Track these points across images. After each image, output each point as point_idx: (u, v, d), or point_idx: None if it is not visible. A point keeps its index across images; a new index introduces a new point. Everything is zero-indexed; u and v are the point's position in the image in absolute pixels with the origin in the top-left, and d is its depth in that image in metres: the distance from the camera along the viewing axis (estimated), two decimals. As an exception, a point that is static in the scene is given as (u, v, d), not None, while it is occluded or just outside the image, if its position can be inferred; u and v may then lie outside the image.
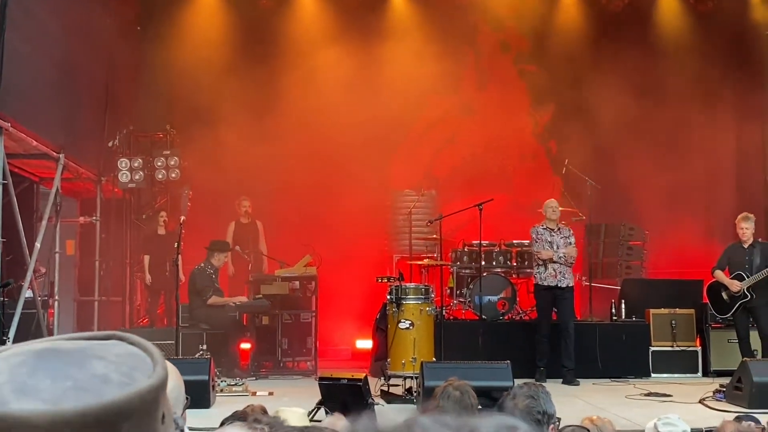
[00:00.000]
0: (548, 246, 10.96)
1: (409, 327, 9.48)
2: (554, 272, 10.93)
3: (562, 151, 14.51)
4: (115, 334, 1.08)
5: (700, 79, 14.30)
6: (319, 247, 12.22)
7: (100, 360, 1.00)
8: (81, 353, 1.01)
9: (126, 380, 0.98)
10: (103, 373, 0.98)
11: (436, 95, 14.94)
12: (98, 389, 0.95)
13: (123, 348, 1.05)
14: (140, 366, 1.02)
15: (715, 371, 11.49)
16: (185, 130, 13.69)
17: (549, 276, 10.92)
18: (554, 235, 11.04)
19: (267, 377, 11.28)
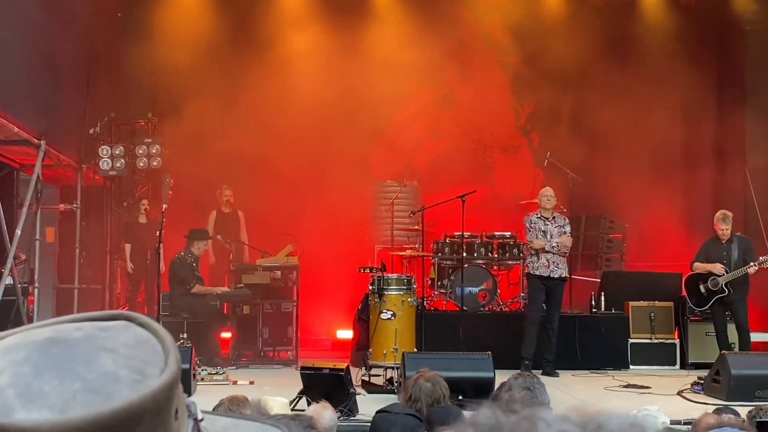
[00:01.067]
0: (542, 235, 10.85)
1: (390, 317, 9.51)
2: (547, 262, 10.82)
3: (543, 143, 14.57)
4: (122, 314, 1.01)
5: (681, 72, 14.36)
6: (300, 237, 12.23)
7: (109, 353, 0.94)
8: (88, 345, 0.94)
9: (137, 377, 0.92)
10: (113, 370, 0.92)
11: (418, 87, 14.95)
12: (108, 390, 0.90)
13: (132, 333, 0.98)
14: (152, 358, 0.96)
15: (693, 364, 11.60)
16: (167, 118, 13.63)
17: (542, 266, 10.81)
18: (549, 224, 10.88)
19: (248, 366, 11.28)
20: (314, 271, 13.02)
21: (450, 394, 5.38)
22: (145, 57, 13.89)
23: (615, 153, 13.73)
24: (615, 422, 0.71)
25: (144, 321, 1.01)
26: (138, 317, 1.01)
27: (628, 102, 13.90)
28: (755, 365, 9.07)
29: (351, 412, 7.61)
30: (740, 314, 10.64)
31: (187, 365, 8.75)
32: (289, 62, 14.23)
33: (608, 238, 13.75)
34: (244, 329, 11.77)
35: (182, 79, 13.61)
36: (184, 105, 13.46)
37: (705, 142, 14.93)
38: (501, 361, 8.99)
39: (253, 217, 13.42)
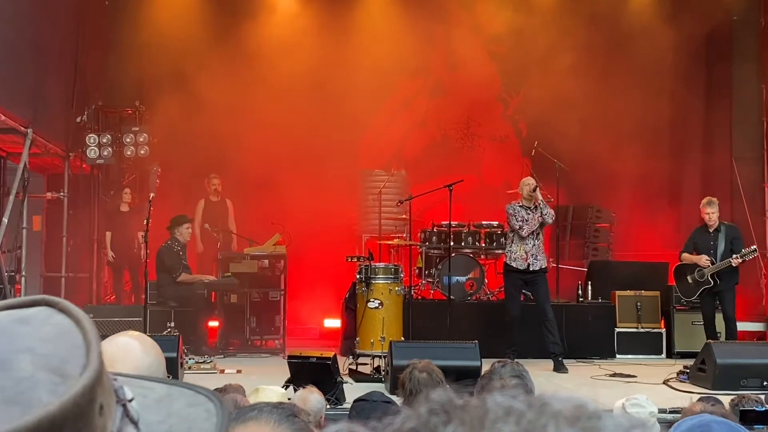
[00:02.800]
0: (524, 224, 10.61)
1: (378, 306, 9.52)
2: (525, 254, 10.54)
3: (531, 133, 14.57)
4: (42, 299, 0.95)
5: (669, 63, 14.38)
6: (288, 225, 12.21)
7: (27, 354, 0.87)
8: (6, 343, 0.88)
9: (57, 379, 0.87)
10: (31, 374, 0.86)
11: (407, 76, 14.93)
12: (27, 399, 0.84)
13: (52, 325, 0.92)
14: (72, 354, 0.90)
15: (679, 353, 11.64)
16: (155, 107, 13.57)
17: (519, 258, 10.55)
18: (530, 213, 10.62)
19: (235, 355, 11.29)
20: (302, 260, 13.02)
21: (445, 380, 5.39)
22: (133, 45, 13.82)
23: (603, 143, 13.73)
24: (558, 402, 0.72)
25: (65, 307, 0.95)
26: (59, 302, 0.95)
27: (615, 93, 13.90)
28: (740, 354, 9.13)
29: (338, 401, 7.63)
30: (727, 305, 10.63)
31: (174, 354, 8.76)
32: (278, 50, 14.17)
33: (595, 227, 13.79)
34: (231, 318, 11.76)
35: (170, 67, 13.57)
36: (172, 93, 13.39)
37: (692, 132, 14.95)
38: (488, 350, 9.00)
39: (241, 206, 13.40)
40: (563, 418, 0.68)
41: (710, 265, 10.58)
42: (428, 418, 0.70)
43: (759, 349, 9.65)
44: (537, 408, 0.69)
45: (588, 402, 0.72)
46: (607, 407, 4.80)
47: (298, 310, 13.41)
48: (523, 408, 0.70)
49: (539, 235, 10.67)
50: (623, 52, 14.31)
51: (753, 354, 9.20)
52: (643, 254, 13.99)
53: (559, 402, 0.70)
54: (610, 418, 0.71)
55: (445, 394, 0.72)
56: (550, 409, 0.69)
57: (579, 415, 0.70)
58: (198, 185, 13.26)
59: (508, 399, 0.70)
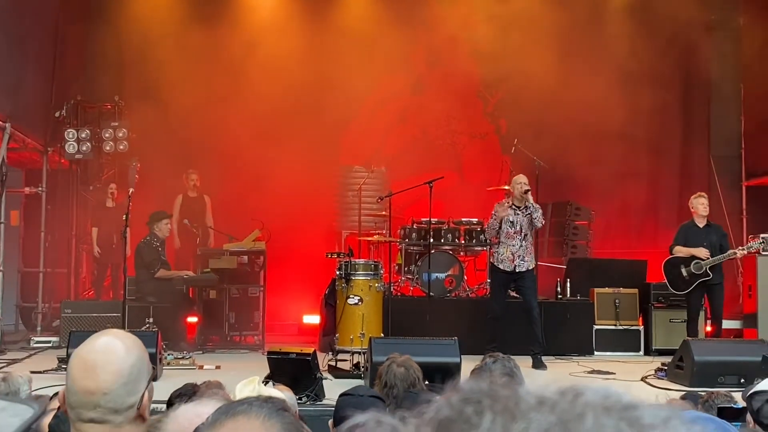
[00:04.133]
0: (509, 226, 10.52)
1: (357, 303, 9.51)
2: (512, 256, 10.49)
3: (511, 130, 14.59)
4: None
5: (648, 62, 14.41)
6: (268, 221, 12.17)
7: None
8: None
9: None
10: None
11: (387, 73, 14.90)
12: None
13: None
14: None
15: (657, 350, 11.69)
16: (134, 102, 13.49)
17: (506, 259, 10.50)
18: (519, 213, 10.54)
19: (214, 351, 11.26)
20: (281, 256, 12.98)
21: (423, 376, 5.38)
22: (112, 39, 13.75)
23: (582, 141, 13.77)
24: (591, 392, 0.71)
25: None
26: None
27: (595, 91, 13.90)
28: (718, 352, 9.17)
29: (317, 397, 7.62)
30: (718, 300, 10.65)
31: (152, 350, 8.73)
32: (259, 46, 14.13)
33: (574, 225, 13.83)
34: (210, 314, 11.72)
35: (149, 62, 13.49)
36: (152, 89, 13.33)
37: (670, 130, 15.02)
38: (467, 347, 9.01)
39: (219, 201, 13.36)
40: (600, 408, 0.68)
41: (709, 257, 10.58)
42: (462, 407, 0.69)
43: (736, 347, 9.70)
44: (570, 397, 0.68)
45: (620, 392, 0.72)
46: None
47: (277, 306, 13.38)
48: (556, 398, 0.69)
49: (527, 236, 10.59)
50: (603, 51, 14.33)
51: (730, 351, 9.25)
52: (621, 252, 14.05)
53: (592, 392, 0.70)
54: (646, 407, 0.70)
55: (476, 383, 0.71)
56: (584, 398, 0.69)
57: (614, 404, 0.69)
58: (176, 181, 13.21)
59: (540, 388, 0.69)
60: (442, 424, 0.68)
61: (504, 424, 0.67)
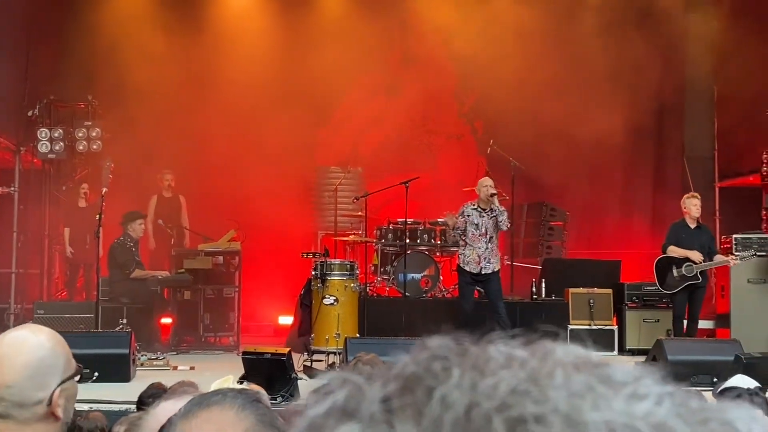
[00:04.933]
0: (473, 229, 10.49)
1: (333, 303, 9.51)
2: (478, 258, 10.47)
3: (487, 131, 14.62)
4: None
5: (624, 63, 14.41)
6: (243, 222, 12.15)
7: None
8: None
9: None
10: None
11: (363, 73, 14.89)
12: None
13: None
14: None
15: (630, 349, 11.76)
16: (108, 101, 13.41)
17: (472, 261, 10.49)
18: (483, 216, 10.53)
19: (188, 352, 11.23)
20: (257, 256, 12.96)
21: None
22: (86, 38, 13.64)
23: (557, 142, 13.81)
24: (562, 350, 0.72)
25: None
26: None
27: (570, 93, 13.97)
28: (691, 351, 9.25)
29: (292, 397, 7.60)
30: (698, 303, 10.73)
31: (126, 350, 8.71)
32: (235, 45, 14.09)
33: (549, 225, 13.88)
34: (185, 315, 11.68)
35: (123, 62, 13.39)
36: (125, 88, 13.25)
37: (645, 132, 15.06)
38: (442, 347, 9.00)
39: (195, 202, 13.30)
40: (571, 365, 0.68)
41: (702, 261, 10.64)
42: (429, 363, 0.69)
43: (709, 346, 9.80)
44: (541, 355, 0.69)
45: (591, 352, 0.72)
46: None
47: (252, 307, 13.35)
48: (526, 355, 0.69)
49: (493, 238, 10.56)
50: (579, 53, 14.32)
51: (703, 351, 9.33)
52: (595, 252, 14.12)
53: (563, 351, 0.69)
54: (617, 366, 0.70)
55: (445, 340, 0.71)
56: (555, 356, 0.69)
57: (585, 362, 0.69)
58: (151, 181, 13.15)
59: (509, 348, 0.69)
60: (409, 380, 0.67)
61: (472, 381, 0.66)
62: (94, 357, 7.88)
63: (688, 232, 10.78)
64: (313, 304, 9.70)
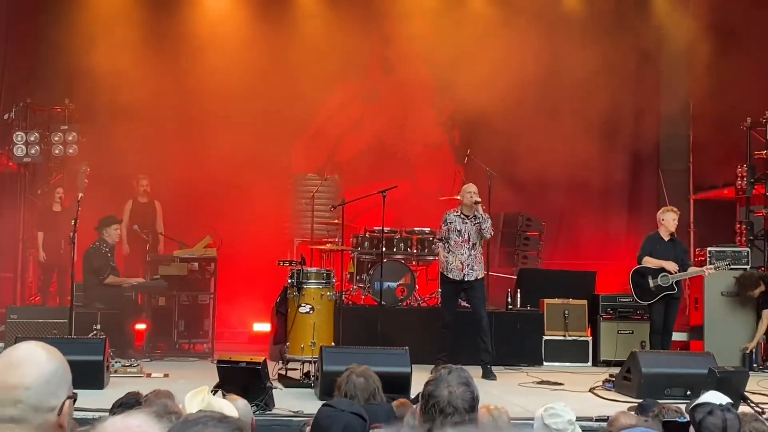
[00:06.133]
0: (456, 236, 10.53)
1: (309, 311, 9.49)
2: (461, 265, 10.50)
3: (464, 140, 14.67)
4: None
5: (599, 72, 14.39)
6: (219, 228, 12.11)
7: None
8: None
9: None
10: None
11: (342, 80, 14.90)
12: None
13: None
14: None
15: (605, 361, 11.83)
16: (84, 105, 13.35)
17: (455, 269, 10.51)
18: (466, 223, 10.55)
19: (162, 359, 11.18)
20: (232, 263, 12.92)
21: None
22: (64, 41, 13.55)
23: (534, 153, 13.85)
24: None
25: None
26: None
27: (546, 103, 14.03)
28: (665, 364, 9.30)
29: (267, 406, 7.58)
30: (673, 314, 10.81)
31: (100, 357, 8.67)
32: (213, 51, 14.03)
33: (525, 235, 13.93)
34: (159, 321, 11.63)
35: (101, 66, 13.28)
36: (102, 92, 13.17)
37: (621, 144, 15.11)
38: (418, 357, 9.04)
39: (170, 207, 13.27)
40: None
41: (677, 272, 10.71)
42: None
43: (683, 359, 9.85)
44: None
45: None
46: (533, 414, 4.85)
47: (227, 314, 13.34)
48: None
49: (476, 245, 10.57)
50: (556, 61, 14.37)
51: (677, 363, 9.39)
52: (571, 263, 14.19)
53: None
54: None
55: None
56: None
57: None
58: (126, 186, 13.10)
59: None
60: None
61: None
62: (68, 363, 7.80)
63: (662, 244, 10.87)
64: (289, 312, 9.68)
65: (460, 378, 3.54)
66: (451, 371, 3.59)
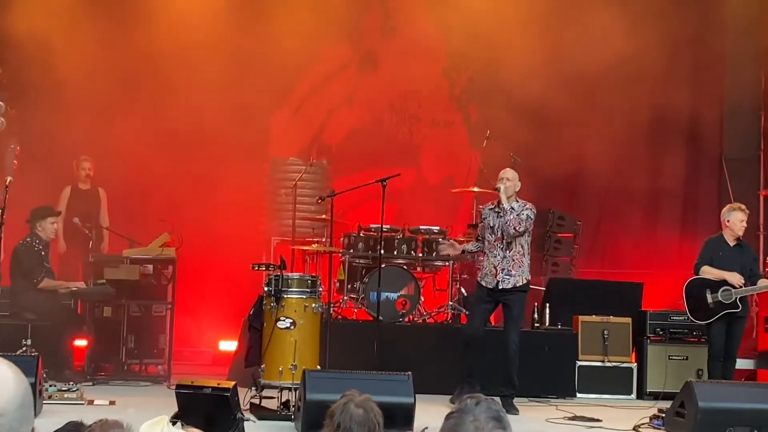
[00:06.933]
0: (489, 233, 10.49)
1: (289, 327, 9.49)
2: (494, 269, 10.44)
3: (483, 118, 14.66)
4: None
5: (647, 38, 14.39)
6: (179, 223, 12.12)
7: None
8: None
9: None
10: None
11: (331, 42, 14.92)
12: None
13: None
14: None
15: (652, 393, 11.85)
16: (15, 70, 13.33)
17: (488, 274, 10.47)
18: (501, 217, 10.42)
19: (107, 383, 11.22)
20: (195, 266, 12.95)
21: None
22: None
23: (569, 135, 13.87)
24: None
25: None
26: None
27: (586, 75, 13.95)
28: (727, 397, 9.27)
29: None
30: (737, 337, 10.77)
31: (31, 379, 8.63)
32: (174, 9, 13.98)
33: (556, 237, 13.95)
34: (104, 336, 11.64)
35: (40, 25, 13.24)
36: (38, 55, 13.15)
37: (676, 126, 15.12)
38: (423, 384, 9.04)
39: (118, 196, 13.28)
40: None
41: (743, 286, 10.74)
42: None
43: (748, 391, 9.79)
44: None
45: None
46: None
47: (188, 329, 13.35)
48: None
49: (511, 244, 10.45)
50: (597, 26, 14.31)
51: (741, 397, 9.36)
52: (612, 272, 14.20)
53: None
54: None
55: None
56: None
57: None
58: (66, 169, 13.10)
59: None
60: None
61: None
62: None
63: (726, 250, 10.85)
64: (265, 327, 9.67)
65: (491, 411, 3.50)
66: (479, 402, 3.54)
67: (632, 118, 14.67)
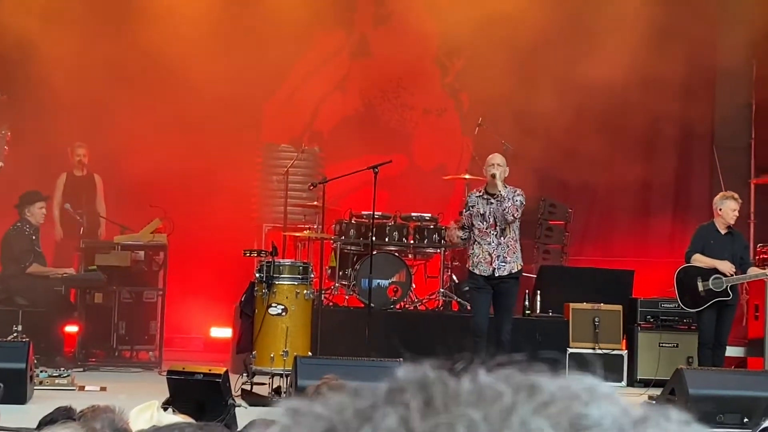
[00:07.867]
0: (479, 220, 10.28)
1: (281, 313, 9.51)
2: (489, 256, 10.22)
3: (475, 106, 14.62)
4: None
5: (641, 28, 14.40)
6: (171, 210, 12.09)
7: None
8: None
9: None
10: None
11: (323, 29, 14.88)
12: None
13: None
14: None
15: (642, 380, 11.83)
16: (7, 54, 13.28)
17: (483, 261, 10.24)
18: (491, 204, 10.23)
19: (98, 369, 11.24)
20: (187, 252, 12.94)
21: None
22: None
23: (561, 122, 13.85)
24: None
25: None
26: None
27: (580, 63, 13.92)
28: (718, 384, 9.29)
29: (228, 428, 7.57)
30: (727, 325, 10.80)
31: (22, 365, 8.65)
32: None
33: (547, 225, 13.93)
34: (95, 322, 11.66)
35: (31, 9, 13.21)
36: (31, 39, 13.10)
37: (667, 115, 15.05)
38: (415, 371, 9.01)
39: (112, 183, 13.25)
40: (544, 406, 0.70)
41: (734, 274, 10.73)
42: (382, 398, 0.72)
43: (738, 379, 9.84)
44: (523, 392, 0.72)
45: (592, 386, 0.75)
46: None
47: (179, 315, 13.31)
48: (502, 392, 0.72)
49: (505, 230, 10.25)
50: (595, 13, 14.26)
51: (732, 384, 9.38)
52: (603, 260, 14.20)
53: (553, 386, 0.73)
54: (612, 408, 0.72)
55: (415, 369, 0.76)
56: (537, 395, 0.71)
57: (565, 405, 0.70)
58: (59, 155, 13.06)
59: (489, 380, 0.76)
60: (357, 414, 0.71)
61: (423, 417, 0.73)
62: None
63: (717, 238, 10.84)
64: (256, 313, 9.69)
65: None
66: None
67: (626, 107, 14.65)
